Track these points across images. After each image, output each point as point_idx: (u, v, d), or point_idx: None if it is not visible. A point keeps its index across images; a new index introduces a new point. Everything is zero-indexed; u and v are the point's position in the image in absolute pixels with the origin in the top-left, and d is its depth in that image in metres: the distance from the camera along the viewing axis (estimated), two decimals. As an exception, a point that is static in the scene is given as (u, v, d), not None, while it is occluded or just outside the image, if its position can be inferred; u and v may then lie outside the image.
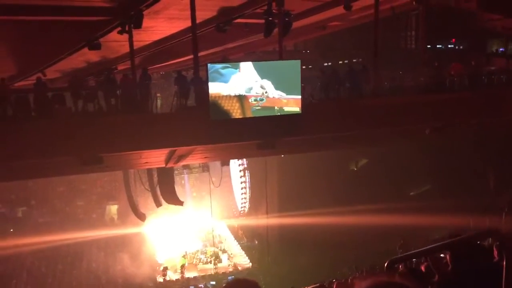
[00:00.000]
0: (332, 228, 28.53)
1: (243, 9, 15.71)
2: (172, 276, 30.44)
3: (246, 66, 14.15)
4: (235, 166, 37.14)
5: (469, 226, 20.57)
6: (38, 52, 18.77)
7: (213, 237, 34.48)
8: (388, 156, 30.30)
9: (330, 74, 17.19)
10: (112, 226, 36.96)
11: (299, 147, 19.96)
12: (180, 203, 24.06)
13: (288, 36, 17.39)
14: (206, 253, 32.74)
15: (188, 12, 14.04)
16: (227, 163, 30.93)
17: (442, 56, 24.41)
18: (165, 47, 19.91)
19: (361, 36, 30.46)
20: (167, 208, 28.91)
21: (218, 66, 14.07)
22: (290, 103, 14.44)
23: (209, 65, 13.91)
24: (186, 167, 28.86)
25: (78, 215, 38.93)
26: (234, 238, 36.55)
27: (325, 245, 29.32)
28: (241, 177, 37.38)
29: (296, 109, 14.48)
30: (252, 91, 14.08)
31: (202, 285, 29.07)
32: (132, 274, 30.57)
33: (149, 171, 25.47)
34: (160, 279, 30.18)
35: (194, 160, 21.71)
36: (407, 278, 1.76)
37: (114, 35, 15.17)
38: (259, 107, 14.21)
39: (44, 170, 17.48)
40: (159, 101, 17.78)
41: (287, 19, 15.97)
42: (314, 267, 26.73)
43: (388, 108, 16.04)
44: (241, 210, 38.47)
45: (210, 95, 13.72)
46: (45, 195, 37.93)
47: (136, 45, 15.71)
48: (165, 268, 30.32)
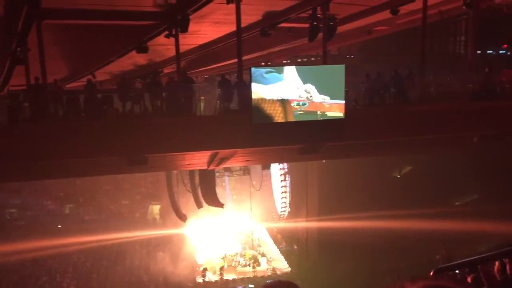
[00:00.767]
0: (373, 234, 28.05)
1: (287, 14, 15.74)
2: (211, 277, 30.70)
3: (290, 71, 14.16)
4: (276, 170, 37.09)
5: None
6: (89, 55, 19.47)
7: (252, 240, 34.55)
8: (433, 164, 29.54)
9: (375, 79, 16.93)
10: (154, 226, 37.74)
11: (341, 153, 19.76)
12: (221, 205, 24.29)
13: (333, 41, 17.28)
14: (245, 256, 32.84)
15: (233, 17, 14.20)
16: (268, 167, 31.01)
17: (493, 62, 23.57)
18: (209, 51, 20.19)
19: (408, 41, 29.89)
20: (208, 210, 29.26)
21: (261, 70, 14.16)
22: (333, 108, 14.32)
23: (253, 69, 14.00)
24: (227, 169, 29.17)
25: (122, 213, 39.97)
26: (273, 242, 36.49)
27: (365, 251, 28.87)
28: (281, 181, 37.30)
29: (339, 114, 14.34)
30: (296, 96, 14.06)
31: (240, 287, 29.22)
32: (172, 274, 31.09)
33: (191, 172, 25.87)
34: (199, 279, 30.51)
35: (235, 163, 21.88)
36: (462, 283, 1.73)
37: (161, 39, 15.54)
38: (302, 112, 14.17)
39: (91, 169, 18.07)
40: (202, 104, 18.02)
41: (331, 23, 15.88)
42: (353, 274, 26.36)
43: (435, 114, 15.63)
44: (281, 214, 38.38)
45: (253, 98, 13.80)
46: (91, 193, 39.16)
47: (182, 48, 16.01)
48: (205, 269, 30.63)
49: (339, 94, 14.33)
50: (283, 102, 14.02)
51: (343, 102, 14.36)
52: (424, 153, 26.41)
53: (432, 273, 3.56)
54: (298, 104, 14.13)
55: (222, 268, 30.70)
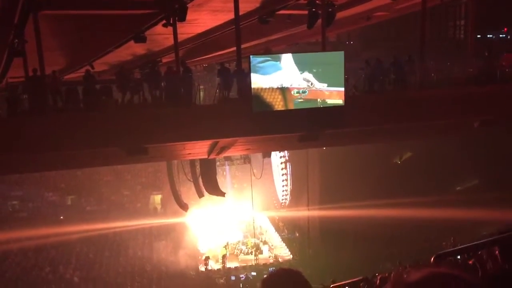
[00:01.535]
0: (374, 221, 28.14)
1: (286, 0, 15.61)
2: (214, 265, 30.93)
3: (289, 58, 14.07)
4: (277, 158, 37.14)
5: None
6: (87, 45, 19.37)
7: (254, 229, 34.72)
8: (434, 149, 29.54)
9: (374, 66, 16.83)
10: (156, 216, 37.91)
11: (341, 140, 19.74)
12: (222, 194, 24.33)
13: (331, 27, 17.16)
14: (247, 244, 33.03)
15: (231, 4, 14.08)
16: (269, 155, 30.96)
17: (493, 46, 23.43)
18: (208, 40, 20.08)
19: (407, 27, 29.72)
20: (209, 199, 29.32)
21: (260, 58, 14.06)
22: (333, 95, 14.27)
23: (252, 57, 13.90)
24: (228, 158, 29.15)
25: (123, 204, 40.13)
26: (275, 230, 36.68)
27: (367, 238, 29.00)
28: (282, 169, 37.37)
29: (339, 101, 14.29)
30: (295, 83, 14.00)
31: (243, 276, 29.40)
32: (175, 263, 31.30)
33: (192, 162, 25.87)
34: (202, 268, 30.73)
35: (236, 151, 21.88)
36: (466, 270, 1.71)
37: (159, 28, 15.45)
38: (302, 100, 14.11)
39: (91, 160, 18.08)
40: (202, 93, 17.96)
41: (330, 9, 15.76)
42: (356, 261, 26.49)
43: (435, 100, 15.56)
44: (282, 202, 38.51)
45: (253, 87, 13.74)
46: (92, 184, 39.30)
47: (180, 37, 15.92)
48: (207, 258, 30.84)
49: (339, 81, 14.26)
50: (283, 90, 13.96)
51: (342, 89, 14.30)
52: (424, 139, 26.40)
53: (433, 259, 3.58)
54: (298, 92, 14.07)
55: (224, 257, 30.90)
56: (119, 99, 15.36)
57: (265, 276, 2.23)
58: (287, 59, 14.03)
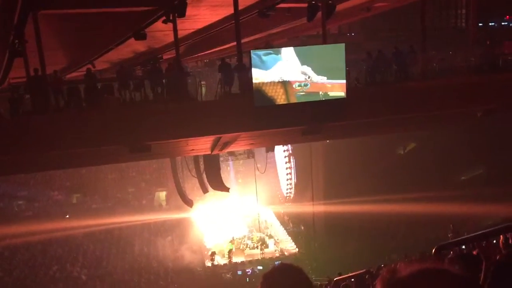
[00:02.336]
0: (380, 213, 28.13)
1: (285, -7, 15.53)
2: (220, 260, 31.01)
3: (290, 52, 14.02)
4: (280, 152, 37.15)
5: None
6: (88, 44, 19.36)
7: (259, 223, 34.78)
8: (438, 140, 29.47)
9: (376, 57, 16.76)
10: (161, 212, 38.00)
11: (344, 132, 19.70)
12: (226, 189, 24.35)
13: (332, 19, 17.08)
14: (252, 238, 33.09)
15: (231, -1, 14.03)
16: (272, 149, 30.94)
17: (495, 34, 23.29)
18: (208, 35, 20.03)
19: (408, 17, 29.54)
20: (214, 195, 29.37)
21: (261, 52, 14.01)
22: (335, 87, 14.21)
23: (252, 51, 13.86)
24: (231, 153, 29.15)
25: (129, 201, 40.27)
26: (280, 224, 36.72)
27: (372, 231, 29.00)
28: (286, 163, 37.39)
29: (341, 93, 14.24)
30: (296, 77, 13.96)
31: (249, 270, 29.48)
32: (181, 258, 31.42)
33: (196, 158, 25.89)
34: (208, 263, 30.82)
35: (239, 146, 21.87)
36: (455, 264, 1.71)
37: (159, 24, 15.40)
38: (304, 93, 14.07)
39: (95, 158, 18.11)
40: (203, 89, 17.93)
41: (330, 1, 15.67)
42: (362, 253, 26.50)
43: (438, 90, 15.48)
44: (286, 196, 38.54)
45: (254, 81, 13.71)
46: (97, 182, 39.42)
47: (181, 34, 15.88)
48: (213, 253, 30.91)
49: (340, 73, 14.21)
50: (285, 84, 13.92)
51: (344, 81, 14.24)
52: (428, 129, 26.28)
53: (434, 250, 3.57)
54: (299, 85, 14.03)
55: (230, 251, 30.97)
56: (121, 97, 15.38)
57: (267, 270, 2.23)
58: (287, 52, 13.97)
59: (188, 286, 29.05)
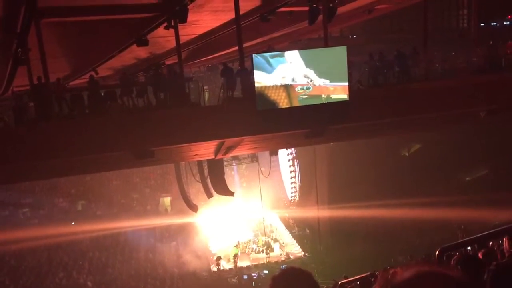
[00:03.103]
0: (385, 216, 28.04)
1: (286, -3, 15.56)
2: (226, 265, 30.98)
3: (292, 55, 14.04)
4: (284, 155, 37.13)
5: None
6: (90, 51, 19.44)
7: (264, 227, 34.74)
8: (442, 141, 29.37)
9: (378, 59, 16.75)
10: (166, 218, 38.02)
11: (347, 135, 19.68)
12: (231, 193, 24.36)
13: (333, 22, 17.09)
14: (258, 242, 33.06)
15: (232, 4, 14.06)
16: (276, 153, 31.00)
17: (497, 34, 23.20)
18: (210, 40, 20.08)
19: (410, 18, 29.52)
20: (218, 199, 29.38)
21: (263, 56, 14.04)
22: (337, 90, 14.21)
23: (254, 55, 13.89)
24: (235, 158, 29.21)
25: (133, 207, 40.33)
26: (285, 228, 36.67)
27: (378, 234, 28.91)
28: (290, 166, 37.36)
29: (344, 96, 14.23)
30: (299, 80, 13.96)
31: (255, 274, 29.43)
32: (187, 264, 31.42)
33: (200, 163, 25.92)
34: (214, 268, 30.80)
35: (242, 151, 21.88)
36: (454, 267, 1.70)
37: (160, 30, 15.46)
38: (306, 96, 14.07)
39: (99, 164, 18.15)
40: (206, 94, 17.97)
41: (331, 4, 15.68)
42: (367, 256, 26.42)
43: (440, 91, 15.45)
44: (291, 200, 38.50)
45: (256, 86, 13.73)
46: (102, 189, 39.50)
47: (182, 39, 15.93)
48: (219, 258, 30.89)
49: (342, 76, 14.21)
50: (287, 87, 13.93)
51: (346, 84, 14.24)
52: (431, 130, 26.23)
53: (437, 252, 3.56)
54: (302, 89, 14.04)
55: (236, 256, 30.93)
56: (124, 103, 15.43)
57: (276, 273, 2.23)
58: (289, 56, 14.00)
59: (194, 291, 29.05)
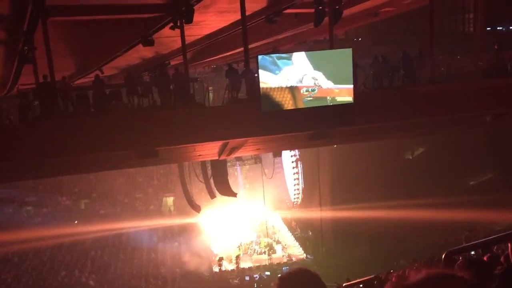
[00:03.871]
0: (387, 219, 27.99)
1: (292, -1, 15.58)
2: (228, 266, 30.96)
3: (297, 57, 14.03)
4: (288, 157, 37.10)
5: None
6: (96, 50, 19.50)
7: (266, 228, 34.70)
8: (446, 145, 29.32)
9: (383, 61, 16.73)
10: (169, 217, 38.04)
11: (351, 137, 19.66)
12: (234, 194, 24.36)
13: (339, 24, 17.09)
14: (260, 243, 33.03)
15: (238, 5, 14.08)
16: (279, 154, 30.92)
17: (503, 39, 23.15)
18: (216, 41, 20.11)
19: (416, 21, 29.49)
20: (221, 200, 29.37)
21: (268, 57, 14.04)
22: (342, 92, 14.20)
23: (259, 57, 13.89)
24: (238, 159, 29.20)
25: (136, 207, 40.33)
26: (287, 229, 36.62)
27: (380, 237, 28.86)
28: (293, 168, 37.32)
29: (349, 98, 14.22)
30: (304, 82, 13.96)
31: (257, 275, 29.39)
32: (189, 264, 31.40)
33: (203, 163, 25.93)
34: (215, 269, 30.78)
35: (246, 152, 21.88)
36: (465, 270, 1.70)
37: (166, 31, 15.50)
38: (311, 98, 14.06)
39: (103, 163, 18.19)
40: (211, 95, 17.99)
41: (337, 7, 15.68)
42: (370, 259, 26.37)
43: (446, 95, 15.42)
44: (294, 201, 38.45)
45: (261, 87, 13.72)
46: (105, 188, 39.52)
47: (188, 40, 15.96)
48: (221, 259, 30.88)
49: (347, 78, 14.19)
50: (292, 89, 13.92)
51: (351, 86, 14.22)
52: (436, 134, 26.16)
53: (444, 256, 3.55)
54: (307, 91, 14.03)
55: (238, 257, 30.92)
56: (129, 103, 15.46)
57: (282, 273, 2.20)
58: (295, 58, 14.00)
59: (196, 291, 29.02)
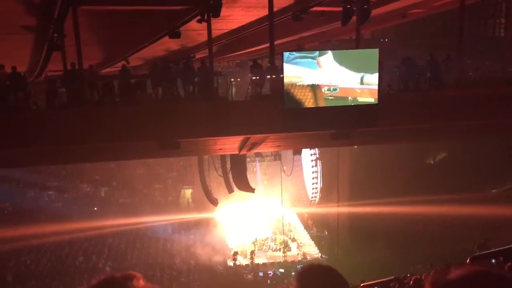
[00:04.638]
0: (404, 221, 27.68)
1: (320, -3, 15.47)
2: (242, 261, 31.08)
3: (322, 55, 13.96)
4: (307, 155, 36.99)
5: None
6: (123, 40, 19.73)
7: (282, 226, 34.70)
8: (469, 150, 28.79)
9: (410, 64, 16.50)
10: (186, 209, 38.39)
11: (374, 139, 19.48)
12: (252, 190, 24.44)
13: (366, 24, 16.92)
14: (275, 240, 33.05)
15: (265, 1, 14.08)
16: (299, 152, 30.89)
17: (535, 45, 22.62)
18: (241, 36, 20.13)
19: (445, 24, 29.02)
20: (239, 195, 29.48)
21: (293, 55, 13.99)
22: (364, 93, 14.07)
23: (285, 53, 13.85)
24: (258, 155, 29.23)
25: (155, 197, 40.80)
26: (303, 228, 36.57)
27: (397, 237, 28.57)
28: (312, 166, 37.18)
29: (371, 99, 14.08)
30: (326, 81, 13.88)
31: (271, 272, 29.45)
32: (204, 256, 31.64)
33: (223, 157, 26.06)
34: (230, 263, 30.93)
35: (266, 148, 21.89)
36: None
37: (193, 24, 15.57)
38: (332, 97, 13.98)
39: (125, 153, 18.44)
40: (234, 89, 18.02)
41: (366, 6, 15.52)
42: (385, 261, 26.15)
43: (472, 100, 15.14)
44: (311, 200, 38.34)
45: (285, 83, 13.70)
46: (125, 176, 40.06)
47: (214, 33, 16.01)
48: (235, 253, 31.00)
49: (372, 79, 14.06)
50: (314, 87, 13.86)
51: (376, 87, 14.08)
52: (460, 139, 25.76)
53: (469, 260, 3.51)
54: (329, 89, 13.95)
55: (252, 252, 31.01)
56: (153, 94, 15.62)
57: (300, 268, 2.05)
58: (320, 56, 13.93)
59: (209, 284, 29.23)
